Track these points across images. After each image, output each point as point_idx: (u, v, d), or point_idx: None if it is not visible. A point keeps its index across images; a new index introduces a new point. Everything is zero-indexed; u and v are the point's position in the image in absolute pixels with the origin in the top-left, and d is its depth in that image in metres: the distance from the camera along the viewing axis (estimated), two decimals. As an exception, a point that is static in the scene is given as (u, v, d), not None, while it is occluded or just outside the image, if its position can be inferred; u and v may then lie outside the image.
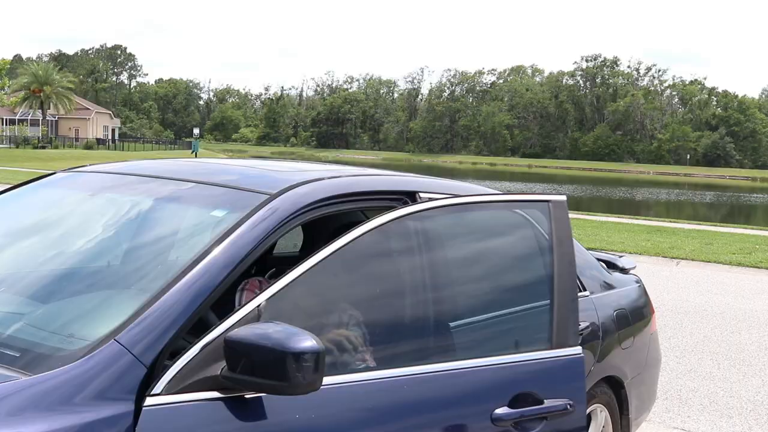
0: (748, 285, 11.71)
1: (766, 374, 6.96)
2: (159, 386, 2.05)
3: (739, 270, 13.14)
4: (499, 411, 2.54)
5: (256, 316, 2.19)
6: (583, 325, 2.93)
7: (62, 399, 1.96)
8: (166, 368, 2.11)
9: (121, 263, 2.78)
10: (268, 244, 2.50)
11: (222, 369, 2.11)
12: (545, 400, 2.63)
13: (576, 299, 2.83)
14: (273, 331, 2.07)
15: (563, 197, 2.91)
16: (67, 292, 2.64)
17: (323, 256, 2.39)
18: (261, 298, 2.23)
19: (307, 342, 2.04)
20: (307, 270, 2.34)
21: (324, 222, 3.64)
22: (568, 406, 2.69)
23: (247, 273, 3.71)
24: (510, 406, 2.56)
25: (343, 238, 2.44)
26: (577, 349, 2.78)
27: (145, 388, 2.05)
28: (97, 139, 78.89)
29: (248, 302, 2.22)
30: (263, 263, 4.02)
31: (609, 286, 3.98)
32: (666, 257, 13.92)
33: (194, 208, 2.80)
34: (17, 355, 2.16)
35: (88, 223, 3.04)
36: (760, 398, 6.24)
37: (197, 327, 2.48)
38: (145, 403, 2.02)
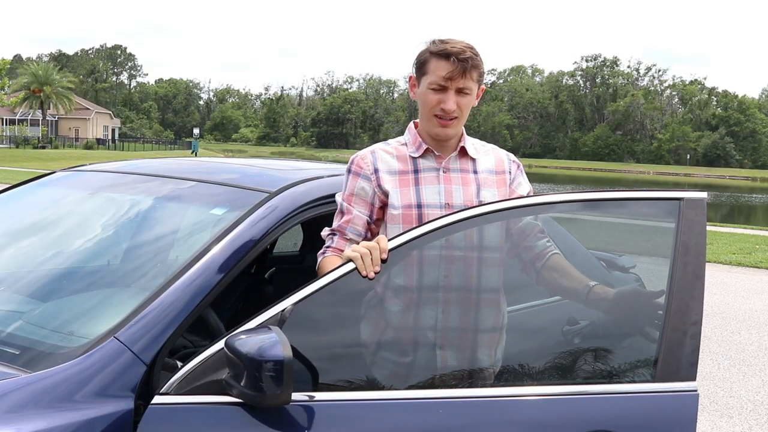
0: (748, 285, 11.72)
1: (766, 374, 6.95)
2: (168, 386, 2.03)
3: (739, 270, 13.14)
4: None
5: (279, 321, 2.07)
6: (583, 323, 2.75)
7: (63, 396, 1.96)
8: (167, 366, 2.10)
9: (120, 262, 2.78)
10: (268, 242, 2.50)
11: (227, 374, 2.04)
12: None
13: (699, 322, 2.26)
14: (258, 338, 1.96)
15: (703, 194, 2.38)
16: (67, 290, 2.65)
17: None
18: (287, 303, 2.11)
19: (275, 350, 1.90)
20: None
21: (324, 220, 3.64)
22: None
23: (246, 272, 3.72)
24: None
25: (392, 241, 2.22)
26: (692, 384, 2.21)
27: (144, 385, 2.05)
28: (97, 139, 78.88)
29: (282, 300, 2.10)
30: (263, 262, 4.02)
31: (609, 285, 3.97)
32: (666, 257, 13.89)
33: (194, 207, 2.80)
34: (17, 353, 2.16)
35: (87, 221, 3.05)
36: (760, 398, 6.24)
37: (197, 325, 2.49)
38: (153, 402, 2.01)
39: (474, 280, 2.38)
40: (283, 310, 2.10)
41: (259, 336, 1.96)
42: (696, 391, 2.22)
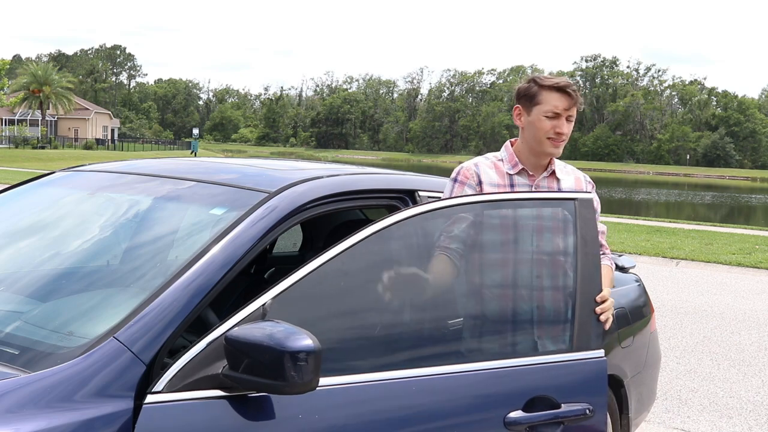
0: (748, 285, 11.71)
1: (766, 374, 6.95)
2: (160, 384, 2.04)
3: (739, 270, 13.13)
4: (512, 415, 2.45)
5: (261, 315, 2.15)
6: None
7: (62, 396, 1.96)
8: (166, 366, 2.10)
9: (120, 262, 2.78)
10: (267, 242, 2.50)
11: (223, 367, 2.09)
12: (562, 404, 2.53)
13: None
14: (271, 329, 2.04)
15: (590, 195, 2.85)
16: (67, 290, 2.64)
17: (337, 253, 2.32)
18: (266, 297, 2.19)
19: (304, 341, 2.00)
20: (315, 269, 2.27)
21: (323, 220, 3.64)
22: (588, 411, 2.57)
23: (246, 272, 3.71)
24: (524, 410, 2.47)
25: (362, 232, 2.36)
26: (600, 352, 2.65)
27: (144, 385, 2.05)
28: (96, 139, 78.88)
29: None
30: (262, 262, 4.02)
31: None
32: (666, 257, 13.92)
33: (193, 207, 2.80)
34: (17, 353, 2.16)
35: (87, 222, 3.04)
36: (760, 398, 6.24)
37: (196, 325, 2.48)
38: (146, 401, 2.01)
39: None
40: (264, 305, 2.16)
41: (277, 328, 2.04)
42: (604, 357, 2.66)
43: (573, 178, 3.10)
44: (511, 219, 2.74)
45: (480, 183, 2.96)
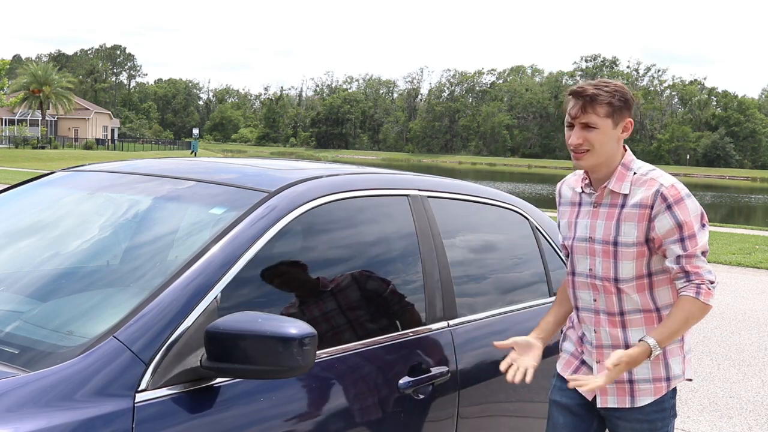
0: (748, 285, 11.72)
1: (766, 374, 6.96)
2: (143, 382, 2.07)
3: (739, 270, 13.14)
4: (401, 381, 2.77)
5: (216, 308, 2.24)
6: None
7: (62, 395, 1.96)
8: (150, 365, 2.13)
9: (120, 261, 2.78)
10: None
11: (201, 359, 2.15)
12: (431, 369, 2.89)
13: (440, 279, 3.05)
14: (269, 320, 2.14)
15: (421, 193, 3.19)
16: (67, 290, 2.64)
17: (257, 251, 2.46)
18: (216, 290, 2.27)
19: (306, 328, 2.14)
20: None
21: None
22: (448, 373, 2.94)
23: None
24: (409, 375, 2.80)
25: (264, 236, 2.49)
26: (443, 324, 3.03)
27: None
28: (96, 139, 78.88)
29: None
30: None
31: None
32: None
33: (193, 207, 2.81)
34: (17, 352, 2.16)
35: (87, 221, 3.04)
36: (760, 398, 6.24)
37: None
38: (136, 400, 2.03)
39: None
40: (215, 298, 2.25)
41: (274, 318, 2.16)
42: (443, 328, 3.02)
43: (644, 191, 2.62)
44: (371, 214, 3.00)
45: (558, 205, 2.89)
